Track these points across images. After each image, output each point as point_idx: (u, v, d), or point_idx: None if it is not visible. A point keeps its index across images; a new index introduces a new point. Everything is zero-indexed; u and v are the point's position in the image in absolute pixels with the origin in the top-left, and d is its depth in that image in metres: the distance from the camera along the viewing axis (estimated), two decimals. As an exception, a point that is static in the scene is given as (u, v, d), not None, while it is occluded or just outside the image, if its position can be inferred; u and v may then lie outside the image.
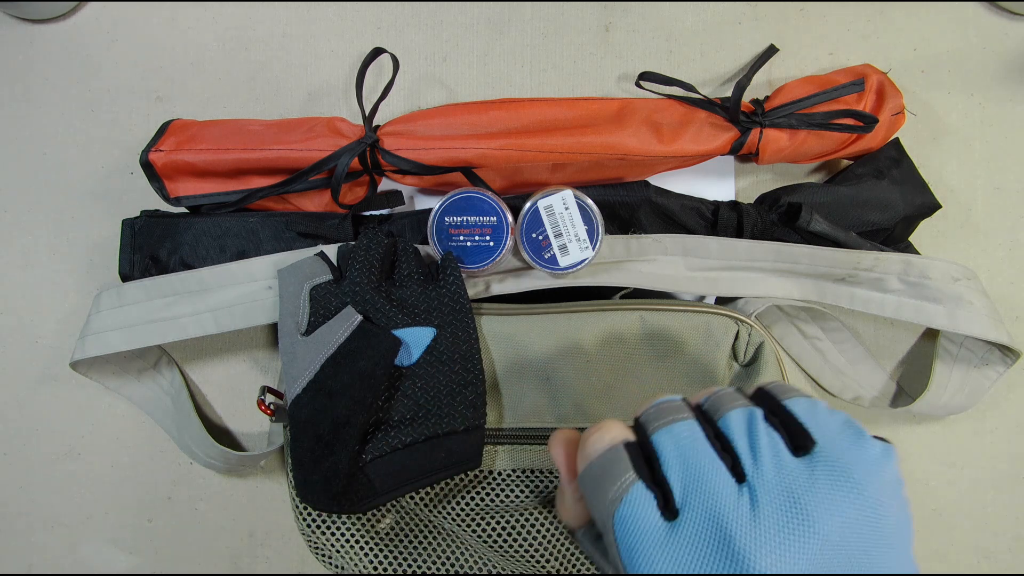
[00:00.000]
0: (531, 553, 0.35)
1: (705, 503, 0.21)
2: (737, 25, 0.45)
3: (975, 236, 0.45)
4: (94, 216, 0.46)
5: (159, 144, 0.40)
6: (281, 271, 0.36)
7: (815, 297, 0.39)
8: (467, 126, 0.39)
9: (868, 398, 0.44)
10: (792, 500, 0.20)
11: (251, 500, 0.45)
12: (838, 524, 0.20)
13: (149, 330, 0.38)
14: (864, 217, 0.40)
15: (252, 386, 0.45)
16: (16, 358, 0.46)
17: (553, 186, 0.39)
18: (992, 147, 0.45)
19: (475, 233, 0.38)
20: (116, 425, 0.45)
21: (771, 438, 0.22)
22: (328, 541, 0.35)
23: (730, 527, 0.20)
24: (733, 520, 0.20)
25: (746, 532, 0.20)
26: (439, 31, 0.46)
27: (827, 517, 0.20)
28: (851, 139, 0.41)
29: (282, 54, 0.46)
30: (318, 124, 0.40)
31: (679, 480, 0.22)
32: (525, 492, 0.36)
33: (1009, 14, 0.45)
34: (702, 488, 0.21)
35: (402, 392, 0.33)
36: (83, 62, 0.46)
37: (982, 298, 0.39)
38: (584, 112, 0.39)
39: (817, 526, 0.20)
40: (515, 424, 0.37)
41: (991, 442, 0.45)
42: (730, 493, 0.21)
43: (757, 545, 0.20)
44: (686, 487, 0.21)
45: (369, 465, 0.32)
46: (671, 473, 0.22)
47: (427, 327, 0.34)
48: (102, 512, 0.46)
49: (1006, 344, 0.38)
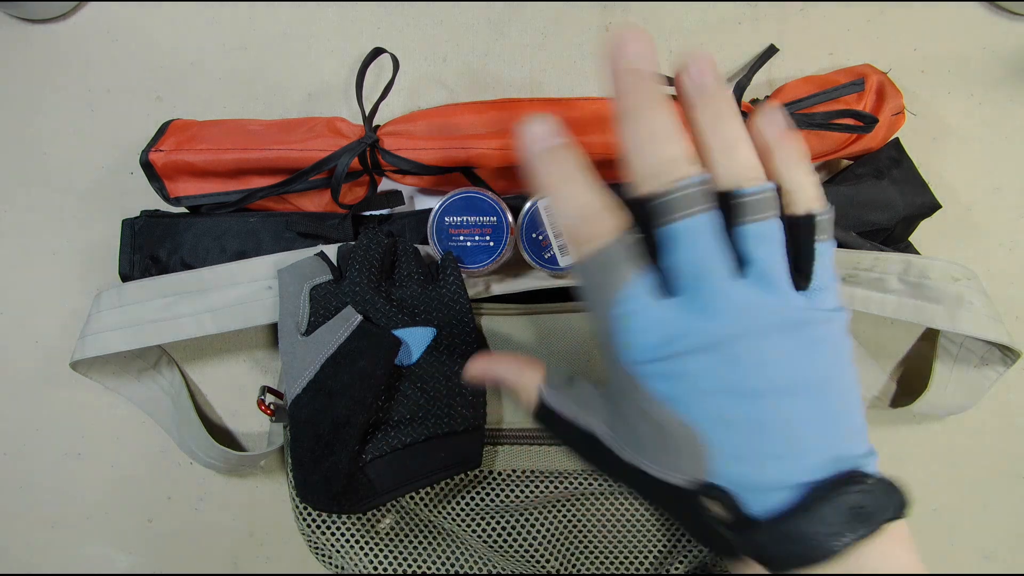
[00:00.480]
0: (531, 553, 0.35)
1: (709, 290, 0.23)
2: (737, 25, 0.45)
3: (975, 236, 0.45)
4: (94, 216, 0.46)
5: (159, 144, 0.40)
6: (281, 271, 0.36)
7: (815, 297, 0.39)
8: (467, 126, 0.39)
9: (868, 398, 0.44)
10: (787, 311, 0.23)
11: (251, 500, 0.45)
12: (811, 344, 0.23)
13: (149, 330, 0.38)
14: (864, 217, 0.40)
15: (252, 386, 0.45)
16: (16, 358, 0.46)
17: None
18: (992, 147, 0.45)
19: (475, 233, 0.38)
20: (116, 425, 0.45)
21: (782, 265, 0.23)
22: (328, 541, 0.35)
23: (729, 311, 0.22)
24: (733, 306, 0.22)
25: (745, 317, 0.22)
26: (439, 31, 0.46)
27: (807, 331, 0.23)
28: (851, 139, 0.41)
29: (282, 54, 0.46)
30: (318, 124, 0.40)
31: (688, 270, 0.23)
32: (525, 492, 0.36)
33: (1009, 14, 0.45)
34: (708, 278, 0.23)
35: (402, 392, 0.33)
36: (83, 62, 0.46)
37: (982, 298, 0.39)
38: (584, 112, 0.39)
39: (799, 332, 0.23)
40: (515, 425, 0.37)
41: (991, 442, 0.45)
42: (735, 287, 0.23)
43: (751, 329, 0.22)
44: (693, 276, 0.23)
45: (369, 465, 0.32)
46: (683, 263, 0.23)
47: (427, 327, 0.34)
48: (102, 512, 0.46)
49: (1006, 344, 0.38)
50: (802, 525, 0.21)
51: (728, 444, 0.23)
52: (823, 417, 0.23)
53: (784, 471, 0.22)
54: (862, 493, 0.22)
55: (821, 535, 0.21)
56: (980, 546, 0.45)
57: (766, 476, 0.22)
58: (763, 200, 0.23)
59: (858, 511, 0.21)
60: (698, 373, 0.23)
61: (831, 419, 0.23)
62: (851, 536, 0.21)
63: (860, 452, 0.23)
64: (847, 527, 0.21)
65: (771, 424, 0.22)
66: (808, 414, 0.22)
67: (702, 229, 0.23)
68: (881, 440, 0.44)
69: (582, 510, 0.36)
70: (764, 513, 0.22)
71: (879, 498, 0.22)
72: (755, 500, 0.22)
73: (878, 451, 0.25)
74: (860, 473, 0.22)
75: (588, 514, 0.36)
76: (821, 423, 0.23)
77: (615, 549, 0.36)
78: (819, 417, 0.23)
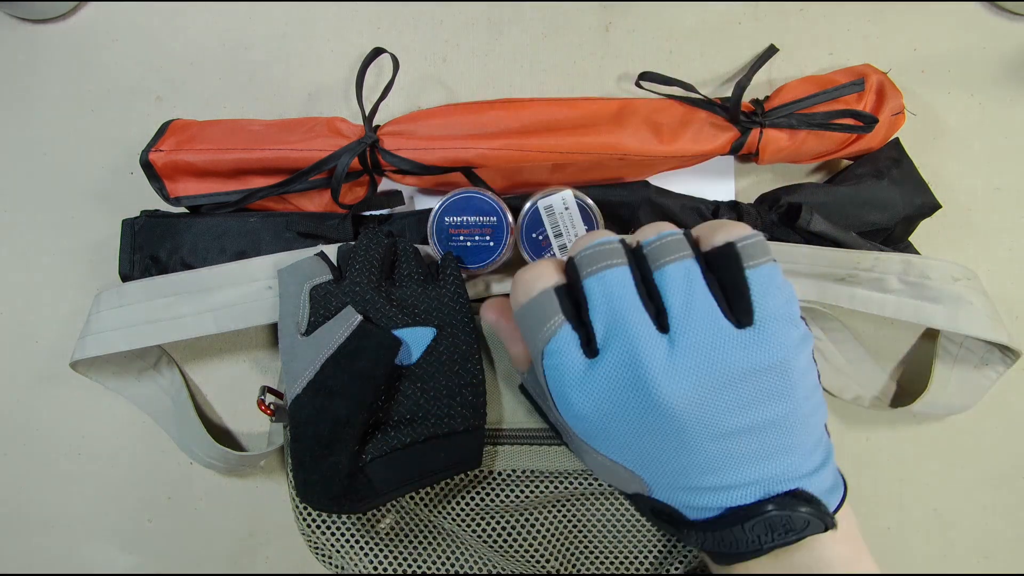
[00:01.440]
0: (531, 553, 0.35)
1: (623, 347, 0.23)
2: (737, 25, 0.45)
3: (975, 236, 0.45)
4: (94, 216, 0.46)
5: (159, 144, 0.40)
6: (281, 271, 0.36)
7: (815, 297, 0.39)
8: (467, 126, 0.39)
9: (868, 398, 0.44)
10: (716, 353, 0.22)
11: (251, 500, 0.45)
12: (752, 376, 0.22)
13: (149, 330, 0.38)
14: (864, 217, 0.40)
15: (252, 386, 0.45)
16: (16, 358, 0.46)
17: (553, 186, 0.39)
18: (992, 147, 0.45)
19: (475, 233, 0.38)
20: (116, 425, 0.45)
21: (708, 303, 0.23)
22: (328, 541, 0.35)
23: (644, 367, 0.22)
24: (647, 362, 0.22)
25: (659, 371, 0.22)
26: (439, 31, 0.46)
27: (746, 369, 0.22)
28: (851, 139, 0.41)
29: (282, 54, 0.46)
30: (318, 124, 0.40)
31: (603, 324, 0.23)
32: (525, 492, 0.36)
33: (1009, 14, 0.45)
34: (623, 333, 0.23)
35: (402, 392, 0.33)
36: (83, 62, 0.46)
37: (982, 298, 0.39)
38: (584, 112, 0.39)
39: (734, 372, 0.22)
40: (515, 425, 0.37)
41: (991, 442, 0.45)
42: (650, 338, 0.23)
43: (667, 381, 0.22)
44: (608, 330, 0.23)
45: (369, 465, 0.32)
46: (596, 318, 0.24)
47: (427, 327, 0.34)
48: (102, 512, 0.46)
49: (1006, 344, 0.38)
50: (728, 534, 0.23)
51: (662, 481, 0.24)
52: (757, 448, 0.23)
53: (714, 500, 0.24)
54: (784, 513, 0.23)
55: (745, 541, 0.23)
56: (980, 546, 0.45)
57: (699, 503, 0.24)
58: (671, 242, 0.24)
59: (780, 525, 0.23)
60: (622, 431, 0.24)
61: (767, 454, 0.23)
62: (774, 543, 0.23)
63: (804, 472, 0.24)
64: (769, 536, 0.23)
65: (699, 465, 0.23)
66: (736, 450, 0.23)
67: (615, 279, 0.23)
68: (881, 440, 0.44)
69: (582, 510, 0.36)
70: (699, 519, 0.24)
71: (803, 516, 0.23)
72: (691, 511, 0.24)
73: (878, 451, 0.25)
74: (794, 495, 0.23)
75: (588, 514, 0.36)
76: (753, 455, 0.23)
77: (615, 549, 0.36)
78: (751, 450, 0.23)
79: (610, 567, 0.36)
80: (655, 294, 0.24)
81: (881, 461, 0.45)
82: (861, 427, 0.45)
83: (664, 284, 0.23)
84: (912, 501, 0.45)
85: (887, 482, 0.45)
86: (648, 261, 0.24)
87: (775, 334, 0.23)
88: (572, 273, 0.25)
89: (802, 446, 0.24)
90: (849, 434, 0.45)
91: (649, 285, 0.24)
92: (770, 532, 0.23)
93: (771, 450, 0.23)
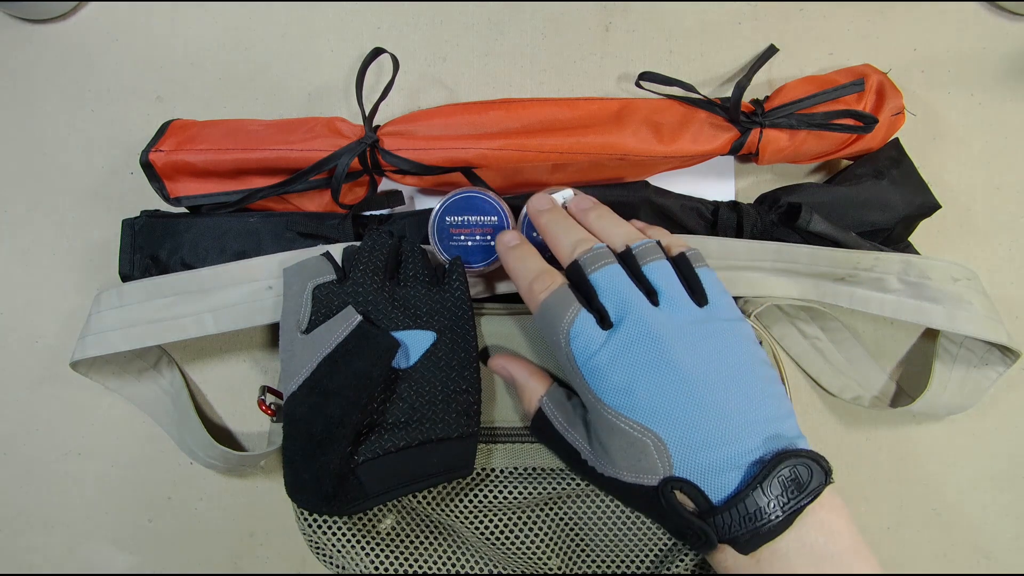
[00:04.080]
0: (532, 550, 0.35)
1: (634, 316, 0.30)
2: (737, 25, 0.45)
3: (975, 236, 0.45)
4: (94, 216, 0.46)
5: (159, 144, 0.40)
6: (286, 269, 0.36)
7: (815, 297, 0.39)
8: (467, 126, 0.39)
9: (868, 398, 0.44)
10: (697, 323, 0.30)
11: (251, 500, 0.45)
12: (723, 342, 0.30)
13: (149, 330, 0.38)
14: (864, 217, 0.40)
15: (252, 386, 0.45)
16: (16, 358, 0.46)
17: (553, 186, 0.39)
18: (992, 147, 0.45)
19: (475, 233, 0.38)
20: (116, 425, 0.45)
21: (682, 289, 0.31)
22: (329, 541, 0.35)
23: (653, 328, 0.29)
24: (655, 324, 0.29)
25: (665, 331, 0.29)
26: (439, 31, 0.46)
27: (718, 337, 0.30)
28: (851, 139, 0.41)
29: (282, 54, 0.46)
30: (318, 124, 0.40)
31: (613, 304, 0.30)
32: (527, 490, 0.36)
33: (1009, 14, 0.45)
34: (631, 308, 0.30)
35: (398, 395, 0.33)
36: (83, 62, 0.46)
37: (982, 298, 0.39)
38: (584, 112, 0.39)
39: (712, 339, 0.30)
40: (514, 423, 0.37)
41: (991, 442, 0.45)
42: (652, 311, 0.30)
43: (673, 338, 0.29)
44: (619, 309, 0.30)
45: (361, 467, 0.32)
46: (607, 300, 0.30)
47: (427, 331, 0.34)
48: (102, 512, 0.46)
49: (1005, 344, 0.38)
50: (751, 500, 0.26)
51: (682, 437, 0.28)
52: (749, 402, 0.28)
53: (731, 453, 0.27)
54: (795, 465, 0.27)
55: (769, 506, 0.26)
56: (980, 546, 0.45)
57: (717, 459, 0.27)
58: (651, 247, 0.32)
59: (794, 481, 0.27)
60: (644, 382, 0.29)
61: (756, 404, 0.29)
62: (790, 504, 0.26)
63: (793, 434, 0.29)
64: (787, 495, 0.27)
65: (709, 413, 0.28)
66: (735, 401, 0.28)
67: (615, 272, 0.31)
68: (881, 440, 0.44)
69: (583, 508, 0.36)
70: (722, 498, 0.27)
71: (810, 468, 0.27)
72: (713, 485, 0.27)
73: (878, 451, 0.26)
74: (794, 449, 0.27)
75: (589, 511, 0.36)
76: (748, 408, 0.28)
77: (615, 547, 0.36)
78: (745, 403, 0.28)
79: (610, 565, 0.36)
80: (643, 281, 0.31)
81: (881, 461, 0.45)
82: (861, 427, 0.45)
83: (652, 274, 0.31)
84: (912, 501, 0.45)
85: (887, 482, 0.45)
86: (637, 259, 0.32)
87: (724, 308, 0.31)
88: (575, 273, 0.32)
89: (781, 405, 0.30)
90: (849, 434, 0.45)
91: (635, 276, 0.31)
92: (784, 491, 0.27)
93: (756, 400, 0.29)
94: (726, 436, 0.28)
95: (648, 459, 0.28)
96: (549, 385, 0.34)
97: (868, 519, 0.45)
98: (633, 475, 0.29)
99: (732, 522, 0.27)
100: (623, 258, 0.32)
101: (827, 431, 0.45)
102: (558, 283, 0.32)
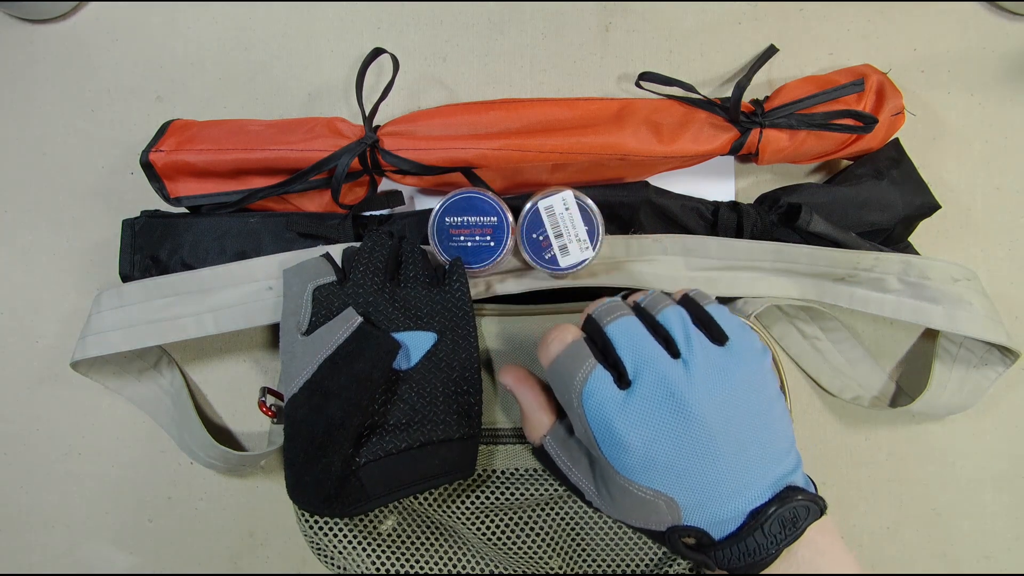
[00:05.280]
0: (533, 550, 0.35)
1: (653, 372, 0.28)
2: (737, 25, 0.45)
3: (975, 236, 0.45)
4: (94, 216, 0.46)
5: (159, 144, 0.40)
6: (286, 271, 0.36)
7: (814, 297, 0.39)
8: (467, 126, 0.39)
9: (868, 398, 0.44)
10: (717, 368, 0.28)
11: (251, 500, 0.45)
12: (744, 384, 0.28)
13: (149, 330, 0.38)
14: (864, 217, 0.40)
15: (252, 386, 0.45)
16: (16, 358, 0.46)
17: (553, 186, 0.39)
18: (992, 147, 0.45)
19: (475, 233, 0.38)
20: (116, 425, 0.45)
21: (698, 333, 0.29)
22: (330, 542, 0.35)
23: (673, 384, 0.28)
24: (675, 380, 0.28)
25: (685, 386, 0.28)
26: (439, 31, 0.46)
27: (739, 379, 0.28)
28: (851, 139, 0.41)
29: (282, 54, 0.46)
30: (318, 124, 0.40)
31: (630, 359, 0.29)
32: (529, 491, 0.36)
33: (1009, 14, 0.45)
34: (649, 363, 0.28)
35: (399, 396, 0.33)
36: (83, 62, 0.46)
37: (981, 298, 0.39)
38: (584, 112, 0.39)
39: (733, 382, 0.28)
40: (515, 424, 0.37)
41: (991, 442, 0.45)
42: (670, 364, 0.28)
43: (693, 393, 0.27)
44: (636, 363, 0.28)
45: (362, 469, 0.32)
46: (623, 354, 0.29)
47: (428, 332, 0.34)
48: (102, 512, 0.46)
49: (1005, 344, 0.38)
50: (752, 540, 0.27)
51: (696, 498, 0.28)
52: (762, 450, 0.28)
53: (739, 505, 0.27)
54: (792, 507, 0.27)
55: (766, 544, 0.27)
56: (980, 546, 0.45)
57: (726, 512, 0.27)
58: (658, 296, 0.32)
59: (792, 520, 0.27)
60: (662, 450, 0.27)
61: (768, 449, 0.28)
62: (786, 540, 0.27)
63: (789, 468, 0.29)
64: (782, 534, 0.27)
65: (724, 473, 0.27)
66: (750, 452, 0.28)
67: (630, 323, 0.30)
68: (881, 440, 0.45)
69: (583, 509, 0.36)
70: (724, 536, 0.28)
71: (805, 507, 0.27)
72: (718, 529, 0.28)
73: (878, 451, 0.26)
74: (791, 489, 0.28)
75: (589, 513, 0.36)
76: (762, 456, 0.28)
77: (615, 548, 0.36)
78: (759, 452, 0.28)
79: (610, 566, 0.36)
80: (659, 330, 0.30)
81: (881, 461, 0.45)
82: (861, 427, 0.45)
83: (666, 322, 0.30)
84: (912, 501, 0.45)
85: (887, 482, 0.45)
86: (648, 309, 0.31)
87: (745, 344, 0.30)
88: (591, 326, 0.31)
89: (785, 439, 0.29)
90: (849, 434, 0.45)
91: (650, 326, 0.30)
92: (783, 529, 0.27)
93: (768, 447, 0.28)
94: (738, 490, 0.27)
95: (659, 514, 0.28)
96: (553, 423, 0.33)
97: (868, 519, 0.45)
98: (641, 523, 0.29)
99: (732, 556, 0.28)
100: (636, 310, 0.31)
101: (827, 431, 0.45)
102: (575, 336, 0.30)
